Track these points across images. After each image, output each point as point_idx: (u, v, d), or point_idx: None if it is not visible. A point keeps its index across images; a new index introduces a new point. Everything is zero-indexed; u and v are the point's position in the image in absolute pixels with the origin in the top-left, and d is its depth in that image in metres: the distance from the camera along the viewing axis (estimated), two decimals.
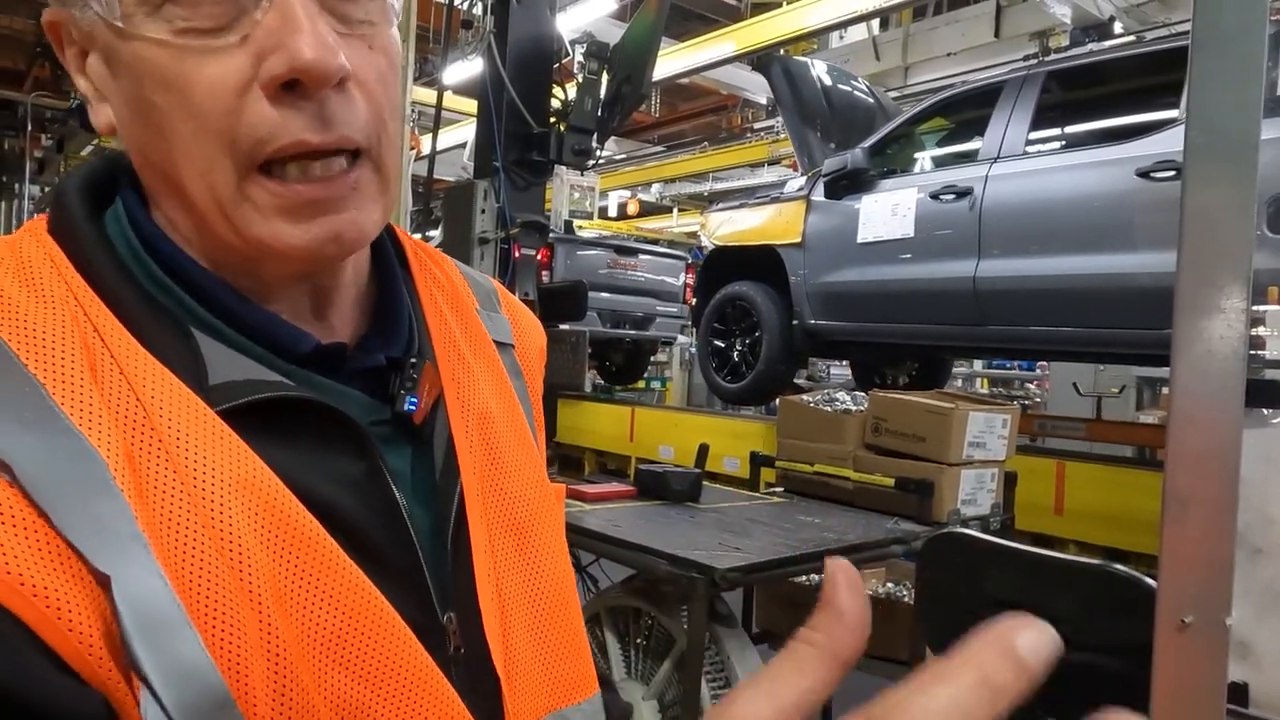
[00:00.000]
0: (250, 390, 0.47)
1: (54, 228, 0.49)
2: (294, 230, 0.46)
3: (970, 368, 12.13)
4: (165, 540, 0.40)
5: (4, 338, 0.42)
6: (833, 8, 7.00)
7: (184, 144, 0.45)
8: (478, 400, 0.58)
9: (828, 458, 2.88)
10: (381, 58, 0.49)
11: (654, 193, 14.36)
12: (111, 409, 0.42)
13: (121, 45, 0.45)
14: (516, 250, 3.67)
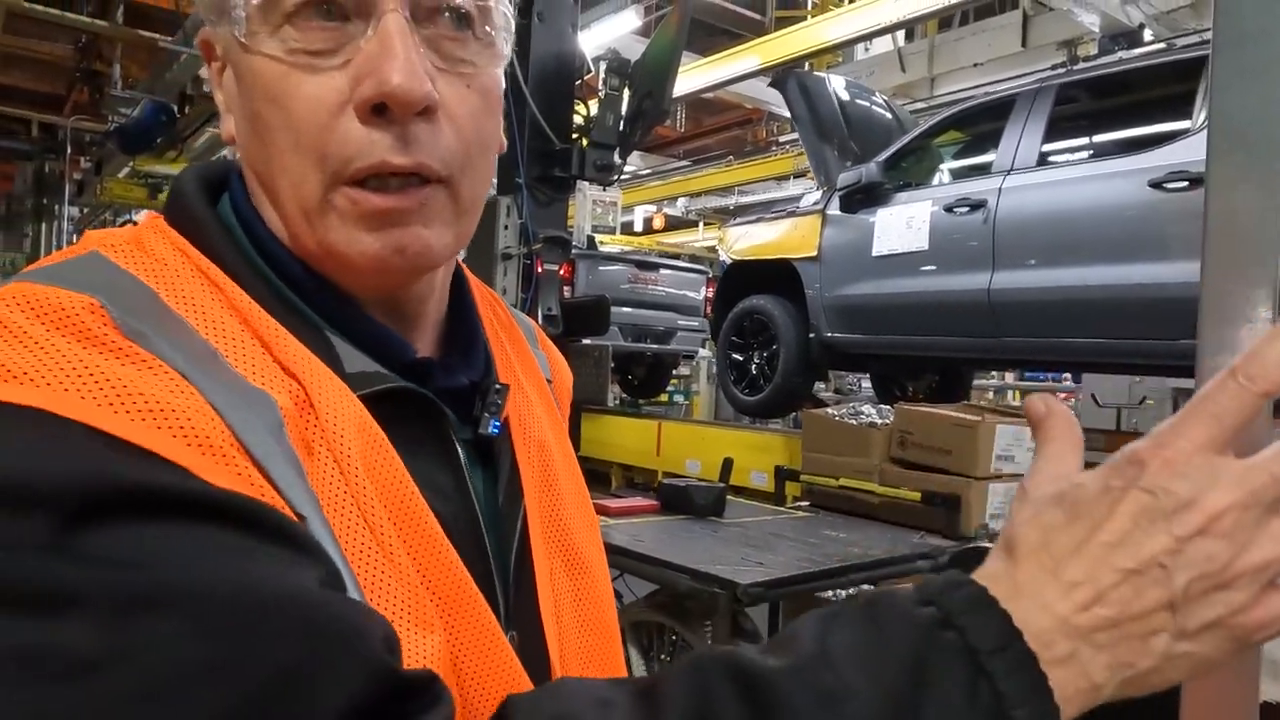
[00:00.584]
0: (381, 381, 0.49)
1: (175, 220, 0.51)
2: (366, 238, 0.48)
3: (1002, 379, 12.00)
4: (326, 503, 0.42)
5: (174, 307, 0.44)
6: (856, 21, 7.00)
7: (282, 154, 0.48)
8: (537, 428, 0.61)
9: (853, 471, 2.86)
10: (477, 97, 0.51)
11: (679, 207, 14.38)
12: (275, 375, 0.44)
13: (244, 59, 0.49)
14: (539, 266, 3.68)
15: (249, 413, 0.41)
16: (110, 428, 0.36)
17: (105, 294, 0.42)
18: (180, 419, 0.38)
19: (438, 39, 0.49)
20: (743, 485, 4.50)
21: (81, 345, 0.39)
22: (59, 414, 0.36)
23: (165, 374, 0.40)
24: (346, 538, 0.42)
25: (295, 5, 0.47)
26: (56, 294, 0.41)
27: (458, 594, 0.47)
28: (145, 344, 0.40)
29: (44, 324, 0.39)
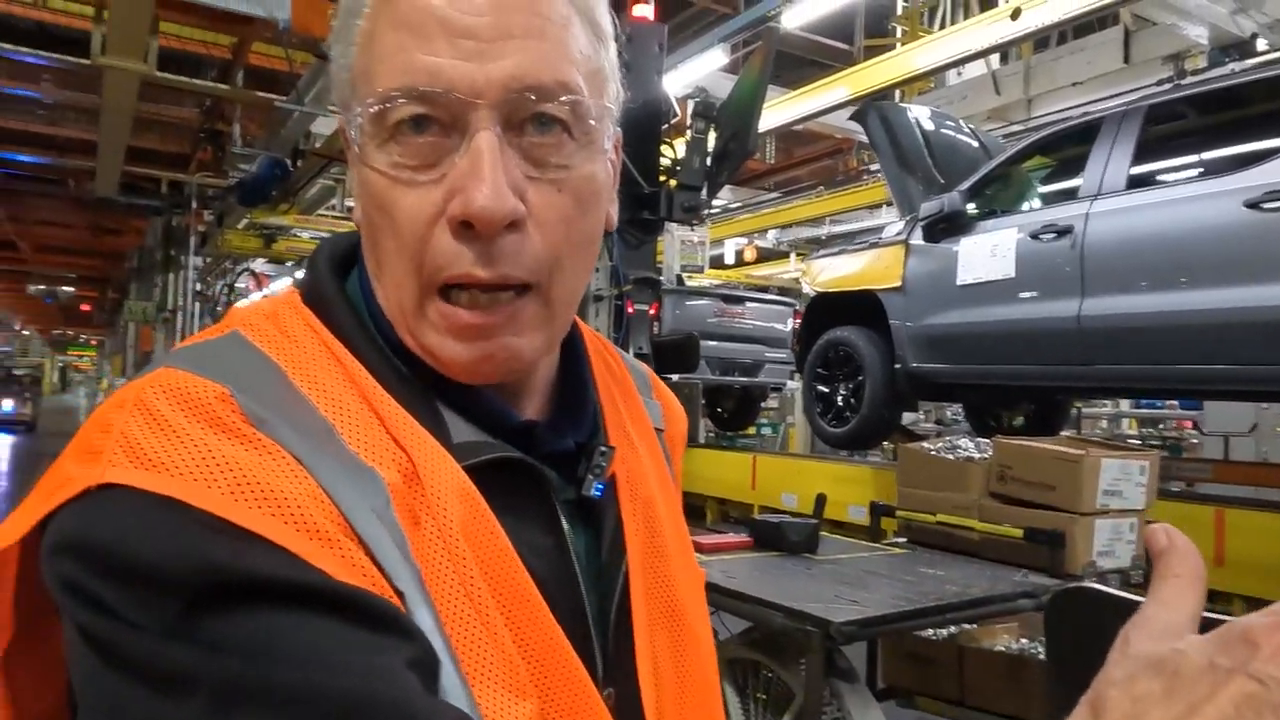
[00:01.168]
0: (486, 450, 0.52)
1: (307, 295, 0.56)
2: (457, 348, 0.52)
3: (1115, 407, 11.44)
4: (428, 573, 0.45)
5: (300, 387, 0.49)
6: (947, 47, 6.91)
7: (388, 257, 0.52)
8: (644, 487, 0.62)
9: (951, 507, 2.80)
10: (569, 199, 0.52)
11: (770, 238, 14.35)
12: (387, 452, 0.48)
13: (362, 166, 0.53)
14: (630, 306, 3.76)
15: (357, 491, 0.45)
16: (233, 516, 0.41)
17: (235, 380, 0.46)
18: (293, 506, 0.42)
19: (530, 147, 0.51)
20: (840, 519, 4.43)
21: (212, 432, 0.44)
22: (188, 502, 0.40)
23: (283, 460, 0.44)
24: (445, 607, 0.45)
25: (398, 121, 0.50)
26: (194, 383, 0.46)
27: (553, 657, 0.49)
28: (267, 429, 0.45)
29: (182, 411, 0.44)
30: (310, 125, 9.49)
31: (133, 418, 0.44)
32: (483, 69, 0.49)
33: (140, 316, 17.14)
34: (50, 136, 13.22)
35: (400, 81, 0.50)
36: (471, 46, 0.49)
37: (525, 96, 0.50)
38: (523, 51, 0.50)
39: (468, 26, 0.49)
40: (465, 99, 0.49)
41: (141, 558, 0.39)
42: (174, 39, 8.72)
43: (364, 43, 0.53)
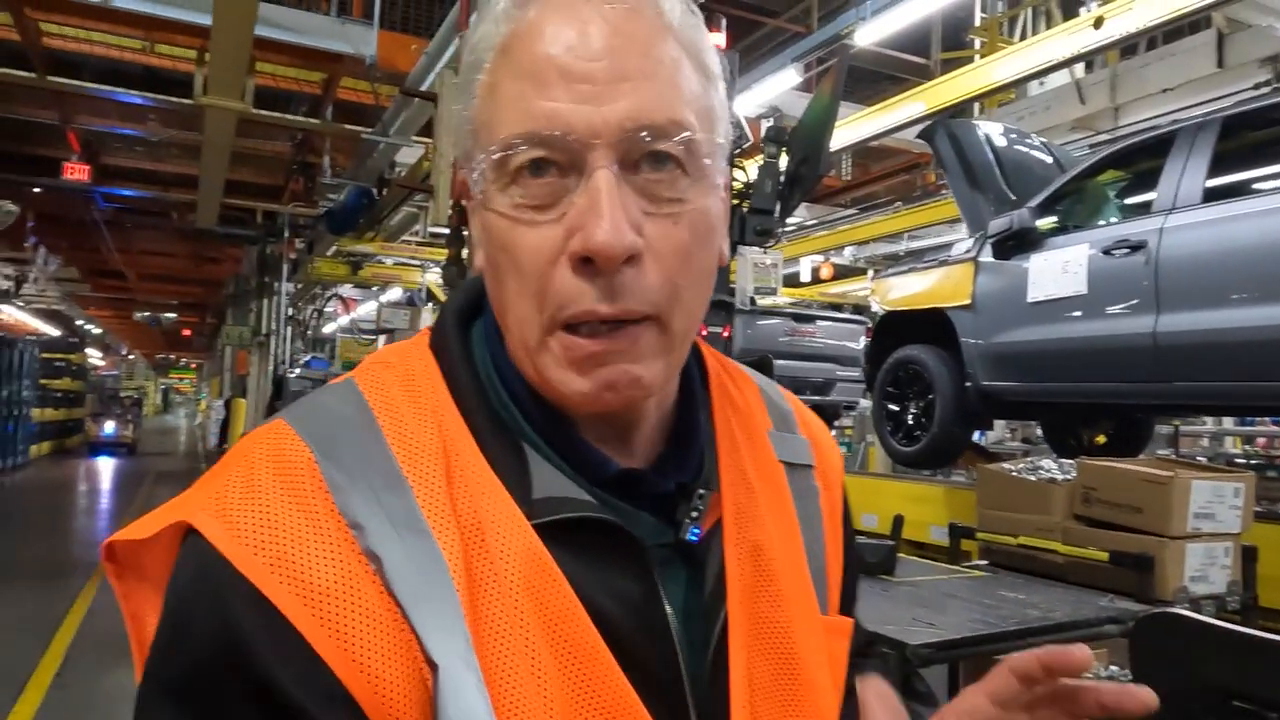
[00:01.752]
0: (564, 507, 0.53)
1: (434, 344, 0.60)
2: (578, 379, 0.53)
3: (1218, 425, 10.91)
4: (483, 637, 0.48)
5: (389, 441, 0.52)
6: (1027, 58, 6.76)
7: (511, 296, 0.54)
8: (755, 529, 0.60)
9: (1033, 529, 2.74)
10: (685, 232, 0.53)
11: (847, 255, 14.19)
12: (456, 514, 0.51)
13: (484, 211, 0.55)
14: (703, 329, 3.79)
15: (414, 558, 0.48)
16: (264, 588, 0.46)
17: (324, 443, 0.51)
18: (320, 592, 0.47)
19: (646, 184, 0.52)
20: (922, 540, 4.35)
21: (284, 497, 0.49)
22: (234, 564, 0.47)
23: (336, 537, 0.48)
24: (493, 671, 0.47)
25: (519, 165, 0.52)
26: (291, 441, 0.52)
27: (618, 709, 0.50)
28: (340, 498, 0.49)
29: (271, 471, 0.50)
30: (395, 155, 9.85)
31: (236, 471, 0.51)
32: (599, 111, 0.51)
33: (237, 340, 17.95)
34: (155, 172, 14.02)
35: (522, 127, 0.52)
36: (588, 90, 0.51)
37: (640, 135, 0.52)
38: (637, 93, 0.52)
39: (584, 72, 0.52)
40: (583, 140, 0.51)
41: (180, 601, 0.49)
42: (269, 77, 9.18)
43: (485, 95, 0.55)
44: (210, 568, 0.47)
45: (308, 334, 16.35)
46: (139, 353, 52.38)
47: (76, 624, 5.99)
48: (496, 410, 0.57)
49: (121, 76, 9.73)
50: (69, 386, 21.83)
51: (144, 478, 16.39)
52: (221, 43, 6.69)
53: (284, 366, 14.35)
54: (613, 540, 0.54)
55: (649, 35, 0.54)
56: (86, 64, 9.65)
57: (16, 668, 5.00)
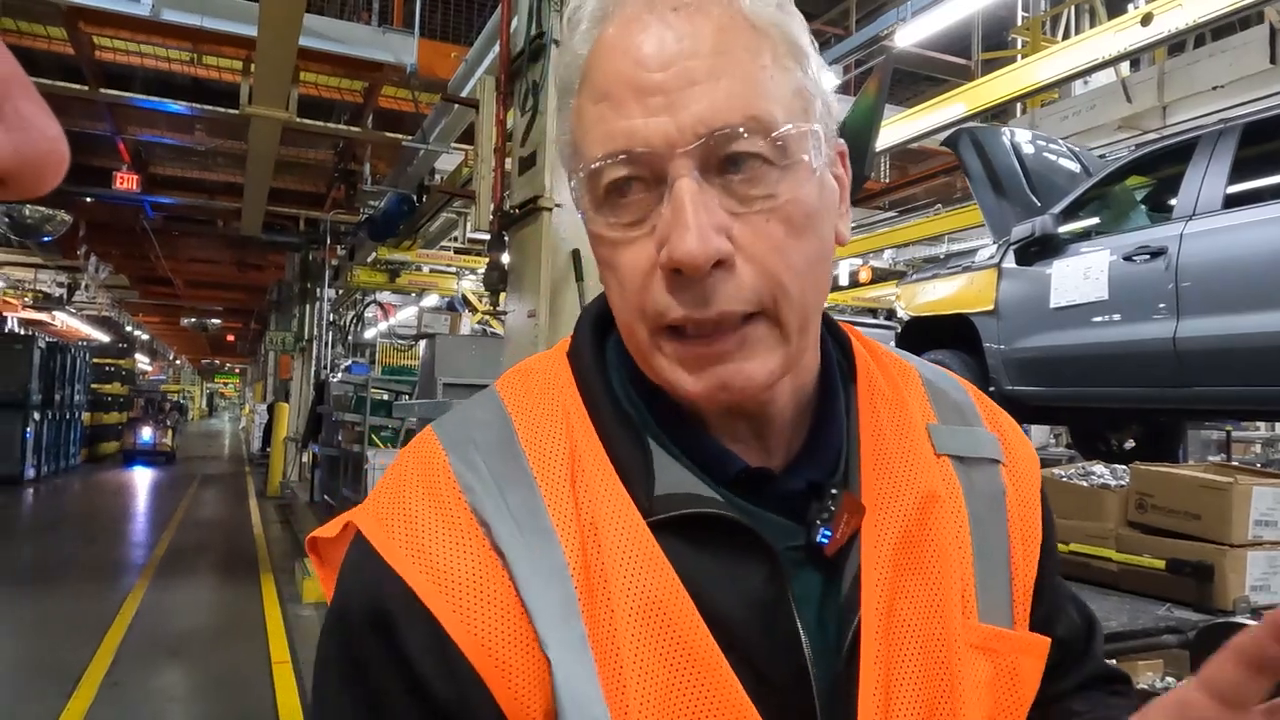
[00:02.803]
0: (686, 504, 0.54)
1: (570, 351, 0.64)
2: (690, 379, 0.54)
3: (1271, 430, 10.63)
4: (597, 633, 0.50)
5: (522, 443, 0.57)
6: (1072, 57, 6.66)
7: (619, 307, 0.57)
8: (897, 528, 0.57)
9: (1085, 536, 2.68)
10: (779, 226, 0.52)
11: (886, 258, 14.06)
12: (576, 513, 0.54)
13: (589, 231, 0.57)
14: None
15: (536, 556, 0.52)
16: (406, 576, 0.52)
17: (461, 447, 0.57)
18: (453, 579, 0.52)
19: (732, 184, 0.52)
20: None
21: (423, 497, 0.55)
22: (382, 556, 0.53)
23: (467, 533, 0.53)
24: (605, 666, 0.49)
25: (606, 188, 0.54)
26: (432, 446, 0.58)
27: (726, 709, 0.50)
28: (471, 499, 0.54)
29: (416, 473, 0.57)
30: (435, 162, 9.95)
31: (390, 475, 0.59)
32: (674, 121, 0.51)
33: (280, 346, 18.23)
34: (201, 181, 14.31)
35: (604, 149, 0.53)
36: (660, 102, 0.51)
37: (718, 139, 0.51)
38: (709, 96, 0.51)
39: (656, 84, 0.51)
40: (661, 152, 0.51)
41: (344, 584, 0.56)
42: (312, 87, 9.33)
43: (575, 119, 0.57)
44: (365, 559, 0.54)
45: (348, 339, 16.56)
46: (185, 358, 53.51)
47: (127, 623, 6.13)
48: (625, 410, 0.58)
49: (170, 88, 9.95)
50: (118, 391, 22.09)
51: (190, 480, 16.71)
52: (267, 53, 6.81)
53: (326, 371, 14.55)
54: (738, 540, 0.54)
55: (718, 32, 0.52)
56: (136, 76, 9.88)
57: (71, 665, 5.12)
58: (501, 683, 0.50)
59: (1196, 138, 3.81)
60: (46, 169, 0.26)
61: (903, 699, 0.54)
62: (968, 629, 0.57)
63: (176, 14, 7.29)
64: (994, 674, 0.57)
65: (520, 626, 0.50)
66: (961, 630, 0.57)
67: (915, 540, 0.57)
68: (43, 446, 15.77)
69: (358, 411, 9.01)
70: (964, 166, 4.97)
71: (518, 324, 4.19)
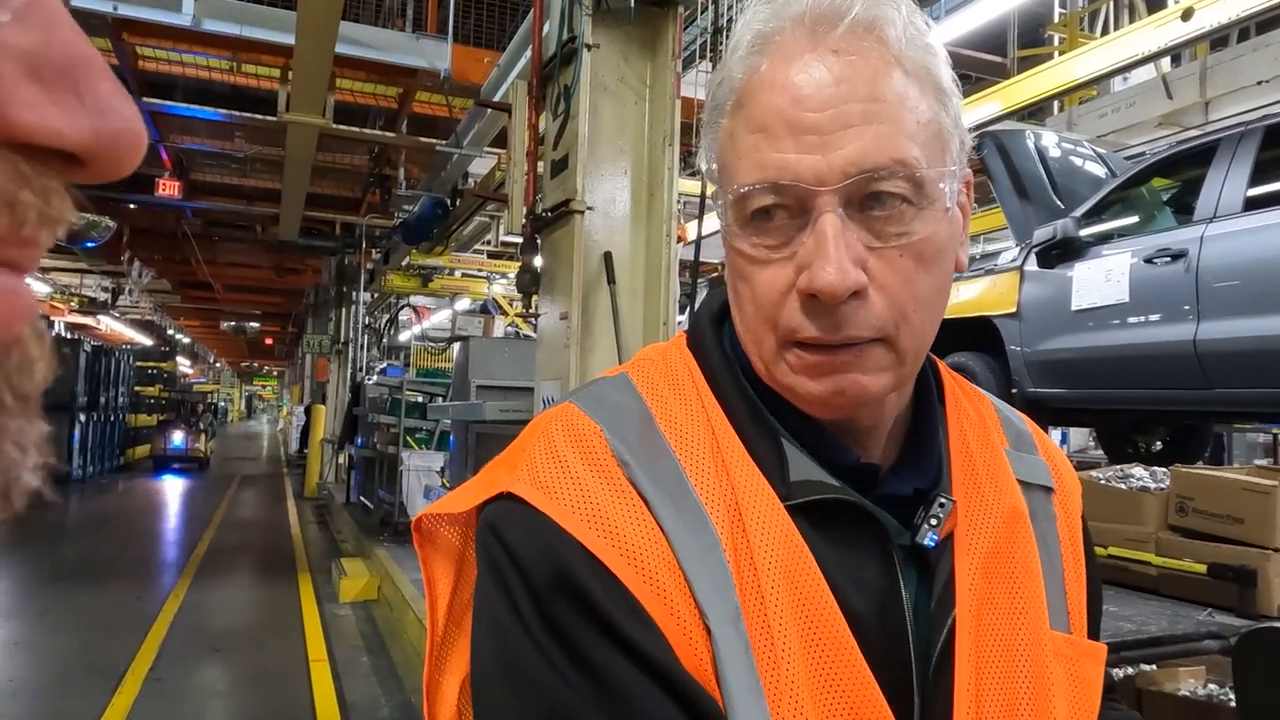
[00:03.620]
0: (819, 490, 0.58)
1: (692, 344, 0.67)
2: (810, 384, 0.58)
3: None
4: (748, 610, 0.52)
5: (660, 426, 0.60)
6: (1111, 53, 6.54)
7: (749, 318, 0.60)
8: (987, 538, 0.61)
9: (1124, 540, 2.64)
10: (910, 262, 0.57)
11: None
12: (721, 494, 0.56)
13: (729, 244, 0.61)
14: None
15: (691, 535, 0.54)
16: (584, 540, 0.53)
17: (611, 423, 0.59)
18: (631, 544, 0.53)
19: (870, 220, 0.56)
20: None
21: (587, 469, 0.56)
22: (556, 521, 0.54)
23: (633, 502, 0.55)
24: (758, 641, 0.52)
25: (754, 210, 0.58)
26: (584, 422, 0.59)
27: (858, 693, 0.52)
28: (628, 472, 0.56)
29: (572, 446, 0.57)
30: (468, 166, 10.05)
31: (540, 445, 0.59)
32: (825, 159, 0.55)
33: (316, 349, 18.49)
34: (240, 187, 14.56)
35: (755, 176, 0.57)
36: (814, 141, 0.55)
37: (864, 179, 0.55)
38: (860, 139, 0.55)
39: (811, 123, 0.55)
40: (810, 188, 0.55)
41: (521, 553, 0.54)
42: (347, 93, 9.46)
43: (726, 140, 0.61)
44: (539, 527, 0.54)
45: (383, 342, 16.76)
46: (225, 361, 54.44)
47: (169, 620, 6.25)
48: (755, 403, 0.61)
49: (210, 96, 10.15)
50: (154, 393, 22.28)
51: (229, 481, 17.01)
52: (304, 61, 6.92)
53: (361, 374, 14.74)
54: (860, 531, 0.58)
55: (873, 77, 0.56)
56: (178, 85, 10.09)
57: (116, 661, 5.24)
58: (687, 649, 0.51)
59: (1218, 140, 3.82)
60: (125, 150, 0.27)
61: (991, 697, 0.58)
62: (1044, 636, 0.61)
63: (216, 24, 7.43)
64: (1066, 678, 0.62)
65: (689, 597, 0.52)
66: (1038, 638, 0.61)
67: (1002, 552, 0.62)
68: (88, 448, 16.11)
69: (393, 413, 9.11)
70: (987, 170, 4.98)
71: (550, 327, 4.21)
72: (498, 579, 0.55)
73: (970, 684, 0.57)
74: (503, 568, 0.55)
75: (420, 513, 0.63)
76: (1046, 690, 0.59)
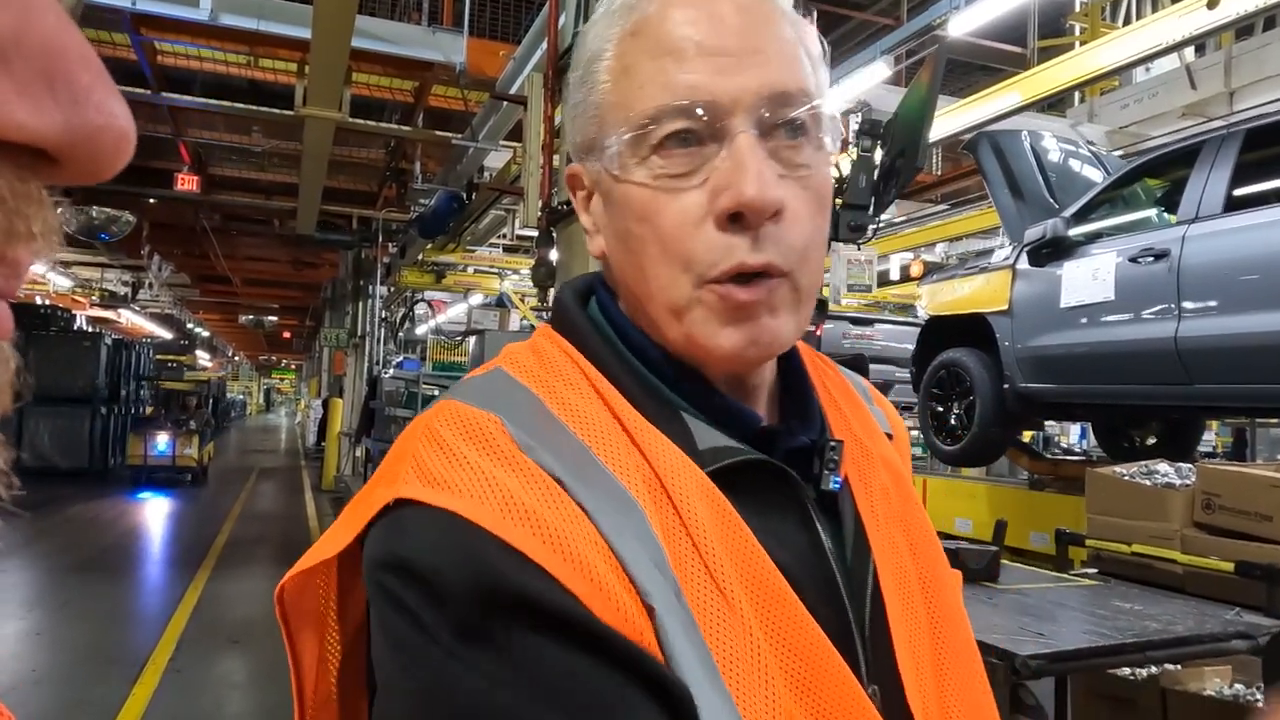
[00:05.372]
0: (730, 454, 0.55)
1: (559, 325, 0.62)
2: (724, 332, 0.55)
3: None
4: (687, 583, 0.49)
5: (554, 412, 0.54)
6: (1133, 43, 6.44)
7: (652, 263, 0.56)
8: (877, 480, 0.63)
9: (1148, 537, 2.61)
10: (813, 196, 0.56)
11: (938, 252, 13.83)
12: (637, 468, 0.52)
13: (615, 187, 0.58)
14: None
15: (616, 512, 0.49)
16: (501, 533, 0.46)
17: (505, 411, 0.53)
18: (552, 530, 0.46)
19: (779, 149, 0.55)
20: (1020, 547, 4.21)
21: (487, 457, 0.50)
22: (466, 517, 0.46)
23: (546, 485, 0.49)
24: (703, 614, 0.48)
25: (660, 139, 0.55)
26: (472, 413, 0.52)
27: (813, 652, 0.50)
28: (533, 455, 0.50)
29: (463, 438, 0.51)
30: (483, 160, 10.05)
31: (423, 444, 0.51)
32: (737, 80, 0.55)
33: (334, 342, 18.59)
34: (257, 181, 14.65)
35: (663, 99, 0.55)
36: (725, 62, 0.55)
37: (774, 102, 0.55)
38: (769, 64, 0.55)
39: (720, 46, 0.55)
40: (724, 108, 0.54)
41: (429, 565, 0.46)
42: (364, 87, 9.48)
43: (616, 79, 0.58)
44: (439, 525, 0.47)
45: (399, 336, 16.83)
46: (244, 354, 54.87)
47: (188, 612, 6.30)
48: (645, 377, 0.58)
49: (227, 90, 10.20)
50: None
51: (248, 474, 17.13)
52: (321, 55, 6.93)
53: (378, 367, 14.80)
54: (774, 490, 0.56)
55: (769, 15, 0.58)
56: (196, 80, 10.14)
57: (136, 652, 5.29)
58: (631, 632, 0.46)
59: (1202, 142, 3.93)
60: (104, 149, 0.24)
61: (920, 628, 0.58)
62: (948, 572, 0.64)
63: (234, 18, 7.46)
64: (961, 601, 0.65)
65: (624, 577, 0.47)
66: (944, 573, 0.63)
67: (889, 492, 0.63)
68: (110, 440, 16.23)
69: (409, 407, 9.16)
70: (982, 170, 5.12)
71: None
72: (396, 603, 0.47)
73: (901, 617, 0.57)
74: (394, 588, 0.47)
75: (284, 579, 0.55)
76: (962, 617, 0.62)
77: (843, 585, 0.56)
